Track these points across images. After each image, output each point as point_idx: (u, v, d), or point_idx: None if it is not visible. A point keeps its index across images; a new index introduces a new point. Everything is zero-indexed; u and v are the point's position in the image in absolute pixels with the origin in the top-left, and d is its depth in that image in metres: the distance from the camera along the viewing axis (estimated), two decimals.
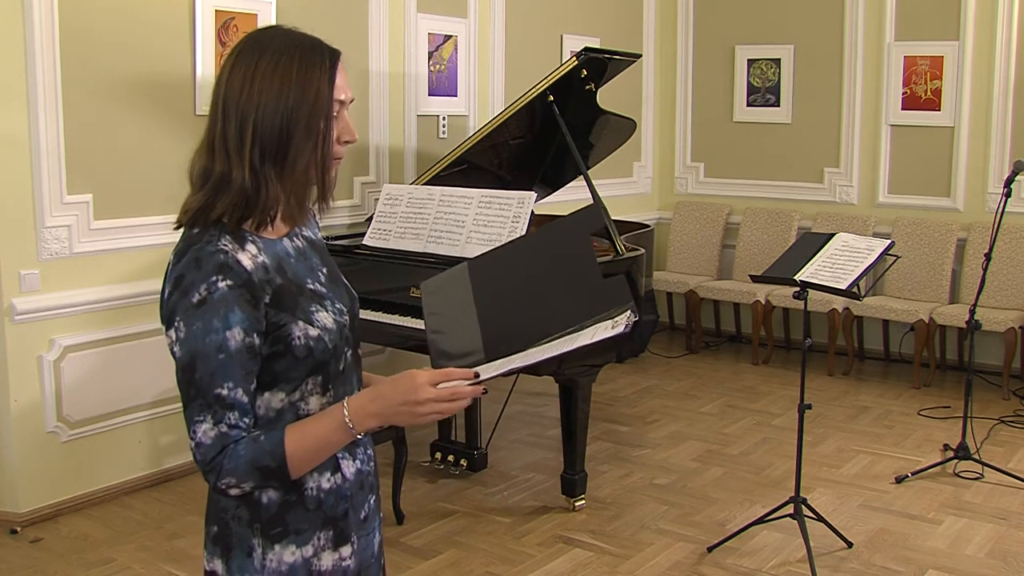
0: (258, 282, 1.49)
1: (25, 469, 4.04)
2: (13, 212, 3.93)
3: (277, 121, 1.48)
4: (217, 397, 1.45)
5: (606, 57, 4.65)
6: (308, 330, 1.53)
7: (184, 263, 1.48)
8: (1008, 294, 6.03)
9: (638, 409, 5.67)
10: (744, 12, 7.17)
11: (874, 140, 6.69)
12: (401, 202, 4.46)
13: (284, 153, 1.50)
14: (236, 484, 1.47)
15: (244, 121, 1.49)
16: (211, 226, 1.50)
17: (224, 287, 1.45)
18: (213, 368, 1.45)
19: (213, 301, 1.45)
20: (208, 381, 1.45)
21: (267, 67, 1.49)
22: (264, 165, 1.50)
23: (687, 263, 7.27)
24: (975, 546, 3.87)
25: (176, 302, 1.47)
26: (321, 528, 1.59)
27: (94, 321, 4.22)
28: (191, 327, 1.45)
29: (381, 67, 5.32)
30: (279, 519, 1.56)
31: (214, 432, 1.46)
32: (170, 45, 4.37)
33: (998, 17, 6.15)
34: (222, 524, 1.58)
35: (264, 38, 1.53)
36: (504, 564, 3.70)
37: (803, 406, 3.73)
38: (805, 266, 3.83)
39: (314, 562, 1.58)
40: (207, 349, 1.45)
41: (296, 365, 1.53)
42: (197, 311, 1.45)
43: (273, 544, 1.56)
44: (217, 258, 1.46)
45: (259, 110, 1.48)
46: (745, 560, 3.73)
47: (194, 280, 1.46)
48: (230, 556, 1.57)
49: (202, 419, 1.46)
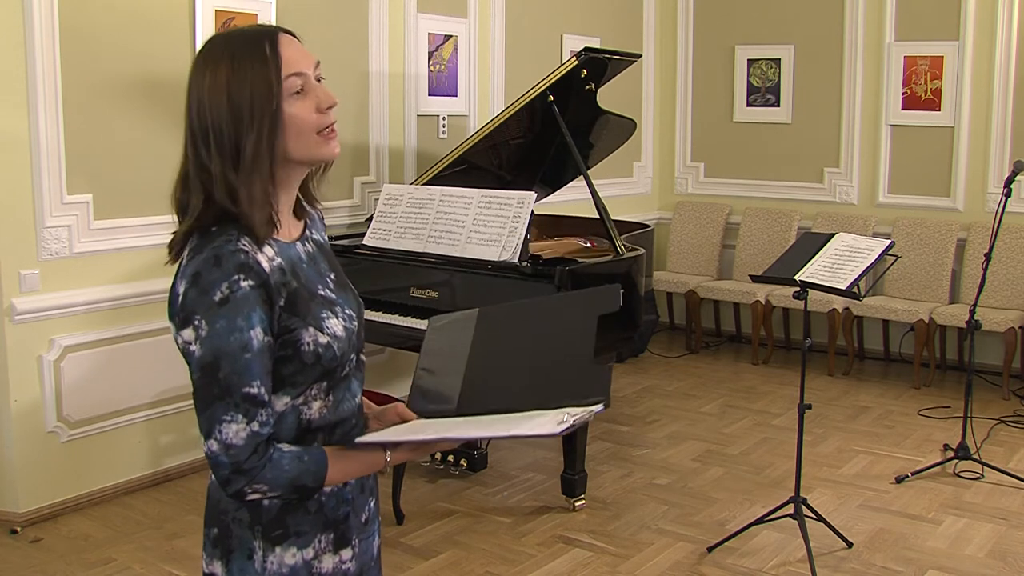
0: (274, 284, 1.48)
1: (25, 469, 4.04)
2: (13, 212, 3.93)
3: (227, 127, 1.46)
4: (246, 396, 1.44)
5: (606, 57, 4.65)
6: (318, 336, 1.51)
7: (202, 260, 1.45)
8: (1008, 294, 6.03)
9: (638, 409, 5.67)
10: (744, 12, 7.17)
11: (874, 140, 6.69)
12: (401, 202, 4.46)
13: (237, 151, 1.47)
14: (264, 492, 1.46)
15: (204, 138, 1.48)
16: (228, 226, 1.48)
17: (246, 286, 1.44)
18: (240, 367, 1.43)
19: (236, 300, 1.43)
20: (236, 380, 1.43)
21: (208, 81, 1.48)
22: (228, 172, 1.47)
23: (687, 263, 7.27)
24: (975, 546, 3.87)
25: (195, 300, 1.44)
26: (322, 531, 1.58)
27: (94, 321, 4.22)
28: (214, 325, 1.43)
29: (381, 67, 5.32)
30: (280, 521, 1.55)
31: (246, 431, 1.44)
32: (170, 45, 4.37)
33: (998, 17, 6.15)
34: (222, 526, 1.57)
35: (203, 54, 1.52)
36: (504, 564, 3.70)
37: (803, 406, 3.73)
38: (805, 266, 3.83)
39: (315, 564, 1.57)
40: (232, 348, 1.43)
41: (303, 370, 1.52)
42: (220, 309, 1.43)
43: (274, 546, 1.55)
44: (238, 257, 1.45)
45: (212, 123, 1.47)
46: (745, 560, 3.73)
47: (215, 278, 1.44)
48: (230, 558, 1.56)
49: (230, 419, 1.43)
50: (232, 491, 1.46)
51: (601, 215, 4.35)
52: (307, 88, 1.51)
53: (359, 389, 1.66)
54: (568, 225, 5.19)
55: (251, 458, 1.44)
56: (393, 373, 5.49)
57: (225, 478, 1.45)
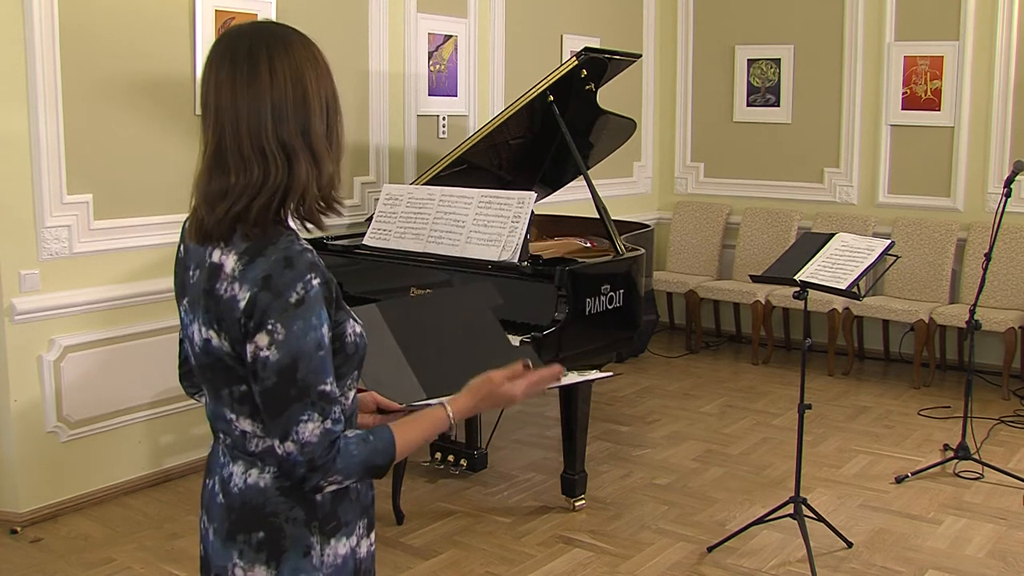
0: (330, 281, 1.51)
1: (25, 469, 4.04)
2: (13, 212, 3.93)
3: (331, 102, 1.53)
4: (321, 394, 1.46)
5: (606, 57, 4.65)
6: (356, 327, 1.56)
7: (271, 264, 1.45)
8: (1008, 294, 6.03)
9: (638, 409, 5.67)
10: (744, 12, 7.17)
11: (874, 140, 6.69)
12: (401, 202, 4.45)
13: (333, 134, 1.54)
14: (340, 481, 1.49)
15: (300, 107, 1.49)
16: (272, 227, 1.50)
17: (317, 285, 1.46)
18: (315, 365, 1.45)
19: (310, 299, 1.45)
20: (313, 379, 1.45)
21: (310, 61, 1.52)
22: (321, 147, 1.51)
23: (687, 263, 7.27)
24: (975, 546, 3.87)
25: (269, 303, 1.43)
26: (360, 517, 1.63)
27: (94, 321, 4.22)
28: (291, 327, 1.43)
29: (381, 67, 5.32)
30: (334, 513, 1.58)
31: (320, 429, 1.45)
32: (170, 45, 4.37)
33: (998, 17, 6.15)
34: (271, 528, 1.55)
35: (289, 37, 1.53)
36: (504, 564, 3.70)
37: (803, 406, 3.73)
38: (805, 266, 3.83)
39: (357, 551, 1.63)
40: (308, 347, 1.44)
41: (347, 361, 1.55)
42: (297, 310, 1.44)
43: (329, 539, 1.58)
44: (307, 256, 1.47)
45: (317, 97, 1.51)
46: (745, 560, 3.73)
47: (289, 280, 1.44)
48: (282, 559, 1.55)
49: (307, 418, 1.44)
50: (309, 487, 1.49)
51: (601, 215, 4.35)
52: None
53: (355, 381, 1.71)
54: (568, 225, 5.19)
55: (323, 453, 1.46)
56: None
57: (302, 476, 1.47)
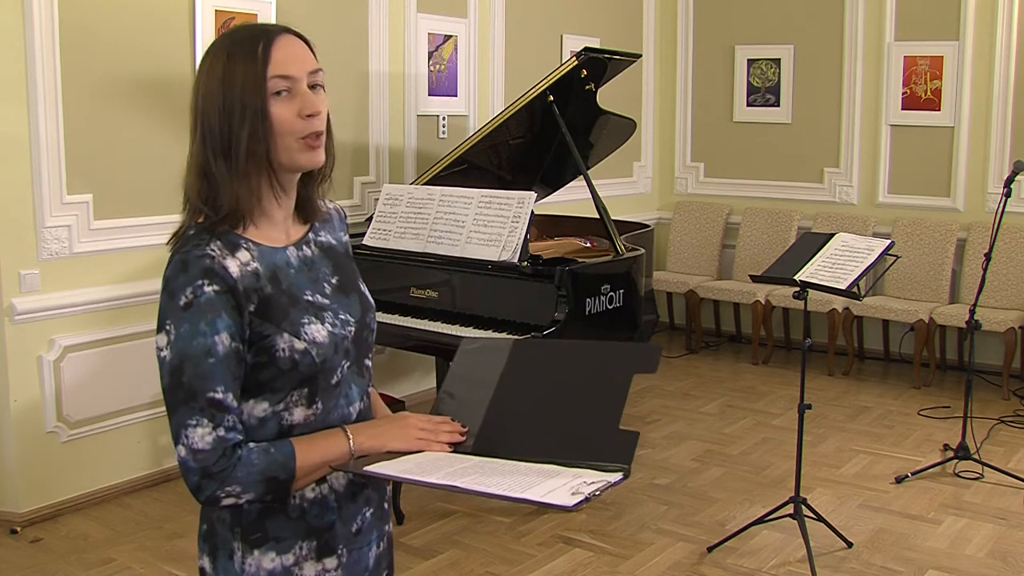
0: (243, 290, 1.47)
1: (25, 469, 4.04)
2: (13, 212, 3.93)
3: (220, 119, 1.48)
4: (211, 401, 1.43)
5: (606, 57, 4.65)
6: (293, 343, 1.50)
7: (172, 267, 1.47)
8: (1008, 294, 6.03)
9: (638, 409, 5.67)
10: (744, 12, 7.17)
11: (874, 140, 6.69)
12: (401, 202, 4.45)
13: (230, 146, 1.48)
14: (238, 494, 1.44)
15: (202, 130, 1.50)
16: (204, 231, 1.49)
17: (211, 291, 1.44)
18: (203, 371, 1.43)
19: (200, 305, 1.43)
20: (200, 384, 1.43)
21: (207, 74, 1.50)
22: (217, 164, 1.49)
23: (687, 263, 7.27)
24: (975, 546, 3.87)
25: (165, 305, 1.46)
26: (304, 538, 1.56)
27: (94, 321, 4.22)
28: (179, 330, 1.44)
29: (381, 67, 5.32)
30: (259, 525, 1.54)
31: (212, 436, 1.43)
32: (170, 45, 4.37)
33: (998, 17, 6.15)
34: (210, 523, 1.58)
35: (209, 48, 1.54)
36: (504, 564, 3.70)
37: (803, 406, 3.73)
38: (805, 266, 3.83)
39: (295, 571, 1.56)
40: (195, 352, 1.43)
41: (280, 376, 1.50)
42: (184, 314, 1.44)
43: (252, 549, 1.54)
44: (203, 262, 1.45)
45: (206, 115, 1.49)
46: (745, 560, 3.73)
47: (181, 283, 1.45)
48: (216, 555, 1.57)
49: (196, 423, 1.43)
50: (204, 498, 1.45)
51: (601, 215, 4.35)
52: (293, 92, 1.49)
53: (359, 396, 1.63)
54: (568, 225, 5.19)
55: (219, 462, 1.43)
56: (393, 373, 5.49)
57: (196, 484, 1.44)
